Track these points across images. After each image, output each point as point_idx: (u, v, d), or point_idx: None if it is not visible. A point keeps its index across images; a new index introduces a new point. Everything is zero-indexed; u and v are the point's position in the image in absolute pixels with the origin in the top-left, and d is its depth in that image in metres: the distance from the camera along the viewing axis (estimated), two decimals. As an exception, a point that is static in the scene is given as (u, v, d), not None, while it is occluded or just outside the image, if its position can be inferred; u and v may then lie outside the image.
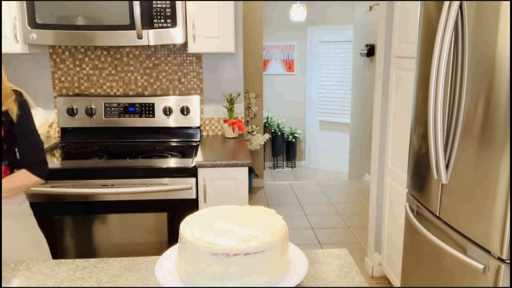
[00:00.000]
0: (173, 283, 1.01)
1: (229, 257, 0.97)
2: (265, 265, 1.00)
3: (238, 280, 0.98)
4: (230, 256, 0.97)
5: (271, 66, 8.02)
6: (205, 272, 0.98)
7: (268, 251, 0.99)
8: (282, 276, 1.04)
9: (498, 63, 1.42)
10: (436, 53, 1.64)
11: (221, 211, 1.14)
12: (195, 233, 1.01)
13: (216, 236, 1.00)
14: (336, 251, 1.32)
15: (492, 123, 1.46)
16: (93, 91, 2.92)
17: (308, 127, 8.17)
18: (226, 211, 1.14)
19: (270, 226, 1.05)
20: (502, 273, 1.45)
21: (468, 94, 1.58)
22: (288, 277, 1.05)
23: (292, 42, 7.94)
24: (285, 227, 1.07)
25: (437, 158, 1.70)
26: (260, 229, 1.03)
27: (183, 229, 1.04)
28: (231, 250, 0.96)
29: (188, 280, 1.01)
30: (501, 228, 1.43)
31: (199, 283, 1.00)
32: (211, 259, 0.97)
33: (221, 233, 1.01)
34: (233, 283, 0.98)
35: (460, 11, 1.59)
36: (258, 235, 1.00)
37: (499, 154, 1.43)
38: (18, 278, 1.18)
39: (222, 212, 1.13)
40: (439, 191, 1.77)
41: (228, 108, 2.92)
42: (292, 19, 7.24)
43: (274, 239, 1.01)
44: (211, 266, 0.97)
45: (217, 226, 1.05)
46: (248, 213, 1.13)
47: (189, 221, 1.07)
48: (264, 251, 0.99)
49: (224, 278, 0.98)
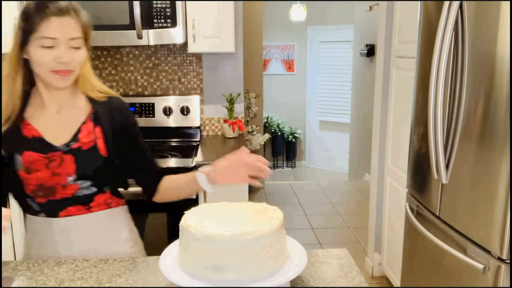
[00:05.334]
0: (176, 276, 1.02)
1: (224, 243, 0.97)
2: (262, 254, 1.00)
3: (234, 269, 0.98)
4: (226, 241, 0.97)
5: (271, 66, 8.02)
6: (203, 259, 0.99)
7: (263, 239, 0.99)
8: (279, 267, 1.04)
9: (498, 63, 1.42)
10: (436, 53, 1.64)
11: (222, 205, 1.16)
12: (193, 221, 1.03)
13: (213, 223, 1.01)
14: (336, 251, 1.32)
15: (492, 123, 1.46)
16: (93, 91, 2.91)
17: (308, 127, 8.18)
18: (228, 205, 1.16)
19: (267, 217, 1.06)
20: (502, 273, 1.45)
21: (468, 94, 1.58)
22: (286, 268, 1.05)
23: (292, 42, 7.94)
24: (281, 218, 1.07)
25: (437, 158, 1.70)
26: (258, 219, 1.04)
27: (183, 218, 1.07)
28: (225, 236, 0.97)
29: (189, 271, 1.02)
30: (501, 228, 1.43)
31: (198, 273, 1.00)
32: (207, 246, 0.98)
33: (219, 221, 1.02)
34: (230, 274, 0.98)
35: (460, 11, 1.59)
36: (255, 224, 1.01)
37: (499, 154, 1.43)
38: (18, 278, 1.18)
39: (223, 205, 1.16)
40: (439, 191, 1.77)
41: (228, 108, 2.92)
42: (292, 19, 7.24)
43: (271, 228, 1.01)
44: (208, 253, 0.99)
45: (216, 216, 1.06)
46: (248, 206, 1.15)
47: (190, 212, 1.11)
48: (259, 238, 0.99)
49: (222, 269, 0.98)
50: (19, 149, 1.28)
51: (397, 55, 2.63)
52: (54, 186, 1.30)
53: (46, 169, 1.29)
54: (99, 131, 1.35)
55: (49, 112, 1.33)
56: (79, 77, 1.34)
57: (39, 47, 1.22)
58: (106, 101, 1.39)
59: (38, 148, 1.29)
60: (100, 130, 1.35)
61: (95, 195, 1.36)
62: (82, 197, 1.34)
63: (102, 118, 1.36)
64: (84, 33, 1.29)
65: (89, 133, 1.34)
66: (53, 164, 1.29)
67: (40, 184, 1.29)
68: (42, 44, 1.22)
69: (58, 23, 1.22)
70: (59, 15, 1.22)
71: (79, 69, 1.31)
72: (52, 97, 1.33)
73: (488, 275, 1.50)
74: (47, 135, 1.31)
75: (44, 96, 1.32)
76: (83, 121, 1.35)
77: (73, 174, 1.31)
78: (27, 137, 1.30)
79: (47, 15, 1.21)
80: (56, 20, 1.22)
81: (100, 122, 1.36)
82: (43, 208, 1.33)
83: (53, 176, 1.29)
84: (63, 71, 1.25)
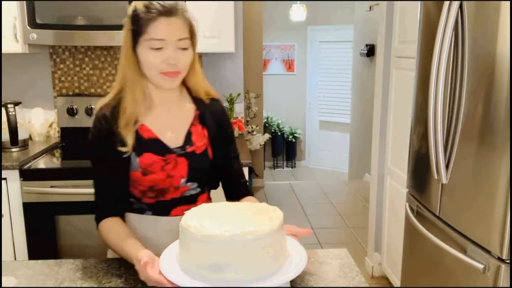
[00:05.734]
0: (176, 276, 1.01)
1: (224, 243, 0.97)
2: (262, 254, 0.99)
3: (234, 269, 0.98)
4: (226, 241, 0.97)
5: (271, 66, 8.02)
6: (203, 259, 0.99)
7: (263, 239, 0.99)
8: (279, 267, 1.04)
9: (498, 63, 1.42)
10: (436, 53, 1.64)
11: (222, 204, 1.16)
12: (193, 221, 1.02)
13: (213, 223, 1.01)
14: (336, 251, 1.32)
15: (492, 122, 1.46)
16: (93, 91, 2.92)
17: (308, 127, 8.18)
18: (228, 205, 1.16)
19: (267, 217, 1.05)
20: (502, 273, 1.45)
21: (468, 94, 1.58)
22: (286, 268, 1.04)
23: (292, 42, 7.94)
24: (281, 218, 1.06)
25: (437, 158, 1.70)
26: (258, 219, 1.04)
27: (183, 218, 1.06)
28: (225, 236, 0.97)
29: (189, 271, 1.02)
30: (501, 228, 1.43)
31: (198, 273, 1.00)
32: (207, 246, 0.98)
33: (219, 221, 1.02)
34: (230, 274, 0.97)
35: (460, 11, 1.59)
36: (255, 224, 1.01)
37: (499, 154, 1.43)
38: (18, 278, 1.18)
39: (223, 205, 1.15)
40: (439, 191, 1.77)
41: (228, 108, 2.92)
42: (292, 19, 7.24)
43: (271, 228, 1.01)
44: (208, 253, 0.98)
45: (216, 216, 1.06)
46: (248, 206, 1.15)
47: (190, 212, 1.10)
48: (259, 238, 0.98)
49: (222, 269, 0.98)
50: (137, 150, 1.28)
51: (397, 55, 2.63)
52: (167, 188, 1.31)
53: (161, 171, 1.29)
54: (206, 133, 1.36)
55: (160, 113, 1.33)
56: (188, 78, 1.33)
57: (148, 48, 1.21)
58: (209, 103, 1.39)
59: (156, 150, 1.29)
60: (207, 132, 1.36)
61: (199, 195, 1.38)
62: (188, 197, 1.35)
63: (207, 120, 1.37)
64: (190, 33, 1.27)
65: (200, 135, 1.35)
66: (168, 166, 1.29)
67: (152, 186, 1.29)
68: (151, 46, 1.21)
69: (166, 24, 1.21)
70: (167, 15, 1.21)
71: (187, 70, 1.30)
72: (162, 98, 1.32)
73: (488, 275, 1.49)
74: (161, 136, 1.31)
75: (154, 97, 1.32)
76: (191, 123, 1.35)
77: (186, 176, 1.32)
78: (144, 137, 1.29)
79: (155, 16, 1.20)
80: (164, 21, 1.21)
81: (205, 124, 1.37)
82: (150, 208, 1.34)
83: (167, 178, 1.29)
84: (172, 73, 1.24)
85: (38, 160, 2.44)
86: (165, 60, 1.22)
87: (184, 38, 1.24)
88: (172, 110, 1.34)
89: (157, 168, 1.28)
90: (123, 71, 1.29)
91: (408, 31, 2.43)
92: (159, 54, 1.21)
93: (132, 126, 1.27)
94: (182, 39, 1.23)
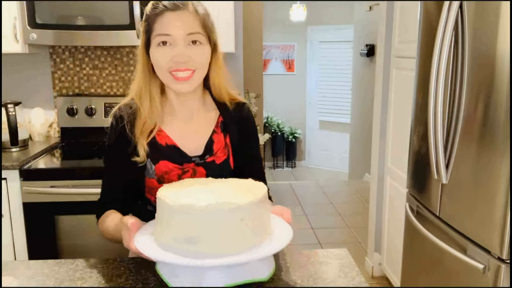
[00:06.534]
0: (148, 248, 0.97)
1: (200, 212, 0.92)
2: (240, 226, 0.94)
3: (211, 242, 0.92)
4: (202, 211, 0.92)
5: (271, 66, 8.02)
6: (178, 232, 0.95)
7: (241, 210, 0.93)
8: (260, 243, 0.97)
9: (498, 63, 1.42)
10: (436, 53, 1.64)
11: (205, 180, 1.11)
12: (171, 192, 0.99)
13: (192, 195, 0.97)
14: (336, 251, 1.32)
15: (492, 123, 1.46)
16: (93, 91, 2.92)
17: (308, 127, 8.18)
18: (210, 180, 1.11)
19: (249, 191, 1.00)
20: (502, 273, 1.45)
21: (468, 94, 1.58)
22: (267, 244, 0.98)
23: (292, 42, 7.94)
24: (264, 192, 1.01)
25: (437, 158, 1.70)
26: (239, 193, 0.99)
27: (160, 189, 1.02)
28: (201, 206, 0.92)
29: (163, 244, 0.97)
30: (501, 228, 1.43)
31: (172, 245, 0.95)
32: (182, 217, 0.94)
33: (198, 193, 0.98)
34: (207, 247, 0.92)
35: (460, 11, 1.59)
36: (235, 197, 0.96)
37: (499, 154, 1.43)
38: (18, 278, 1.18)
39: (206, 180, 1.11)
40: (439, 191, 1.77)
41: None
42: (292, 19, 7.24)
43: (250, 200, 0.95)
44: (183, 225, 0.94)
45: (197, 189, 1.02)
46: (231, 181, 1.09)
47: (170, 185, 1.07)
48: (237, 209, 0.93)
49: (196, 242, 0.93)
50: (154, 157, 1.23)
51: (397, 55, 2.63)
52: None
53: (178, 179, 1.22)
54: (228, 142, 1.30)
55: (180, 119, 1.27)
56: (209, 79, 1.27)
57: (156, 46, 1.16)
58: (234, 109, 1.31)
59: (174, 158, 1.24)
60: (229, 141, 1.30)
61: None
62: None
63: (230, 127, 1.29)
64: (204, 27, 1.18)
65: (222, 145, 1.28)
66: (186, 175, 1.24)
67: None
68: (158, 42, 1.15)
69: (172, 18, 1.14)
70: (174, 10, 1.15)
71: (204, 70, 1.22)
72: (182, 104, 1.26)
73: (488, 275, 1.50)
74: (180, 143, 1.25)
75: (173, 103, 1.26)
76: (213, 130, 1.29)
77: None
78: (161, 144, 1.24)
79: (161, 11, 1.14)
80: (170, 15, 1.14)
81: (228, 131, 1.29)
82: None
83: None
84: (182, 71, 1.16)
85: (38, 160, 2.44)
86: (173, 57, 1.14)
87: (194, 33, 1.15)
88: (194, 117, 1.28)
89: (174, 176, 1.24)
90: (138, 74, 1.24)
91: (408, 31, 2.43)
92: (168, 51, 1.15)
93: (146, 136, 1.22)
94: (192, 33, 1.15)
